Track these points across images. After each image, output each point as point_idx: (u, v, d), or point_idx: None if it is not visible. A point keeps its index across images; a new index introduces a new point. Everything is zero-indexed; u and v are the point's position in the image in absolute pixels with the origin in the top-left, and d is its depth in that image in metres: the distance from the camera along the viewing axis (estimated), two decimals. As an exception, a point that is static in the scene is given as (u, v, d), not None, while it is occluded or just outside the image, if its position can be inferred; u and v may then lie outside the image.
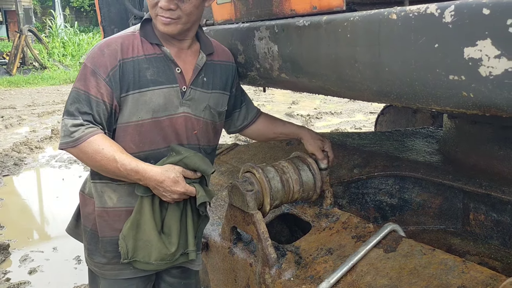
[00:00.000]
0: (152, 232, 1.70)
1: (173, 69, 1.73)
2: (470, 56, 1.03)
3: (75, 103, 1.63)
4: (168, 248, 1.72)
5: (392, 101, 1.33)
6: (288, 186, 1.86)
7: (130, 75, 1.67)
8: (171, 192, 1.67)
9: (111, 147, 1.62)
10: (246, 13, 1.91)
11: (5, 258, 3.89)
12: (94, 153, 1.60)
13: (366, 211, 2.27)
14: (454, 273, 1.46)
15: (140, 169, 1.63)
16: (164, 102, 1.71)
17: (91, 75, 1.63)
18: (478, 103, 1.08)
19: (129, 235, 1.70)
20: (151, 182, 1.65)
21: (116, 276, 1.80)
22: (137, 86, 1.67)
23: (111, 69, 1.64)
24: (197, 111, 1.80)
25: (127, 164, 1.62)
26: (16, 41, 16.54)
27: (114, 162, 1.61)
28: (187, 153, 1.71)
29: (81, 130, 1.60)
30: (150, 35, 1.72)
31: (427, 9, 1.10)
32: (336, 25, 1.38)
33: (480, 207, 2.00)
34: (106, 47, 1.66)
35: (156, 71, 1.70)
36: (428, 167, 2.18)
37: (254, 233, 1.78)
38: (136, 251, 1.71)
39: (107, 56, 1.65)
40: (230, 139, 7.26)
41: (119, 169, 1.62)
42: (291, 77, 1.71)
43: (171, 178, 1.65)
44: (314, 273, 1.67)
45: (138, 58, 1.68)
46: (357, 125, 8.19)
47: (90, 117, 1.63)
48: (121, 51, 1.66)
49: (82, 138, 1.60)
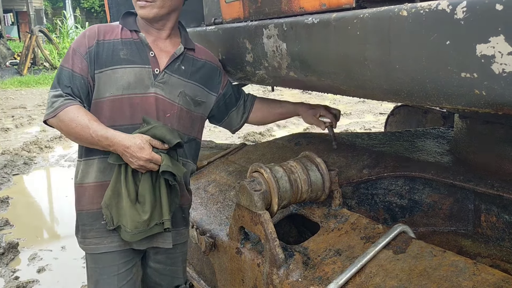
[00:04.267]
0: (126, 200, 1.78)
1: (147, 52, 1.91)
2: (483, 53, 1.01)
3: (58, 77, 1.82)
4: (141, 216, 1.78)
5: (402, 99, 1.31)
6: (296, 186, 1.84)
7: (105, 54, 1.85)
8: (137, 158, 1.74)
9: (85, 115, 1.76)
10: (254, 11, 1.89)
11: (14, 257, 3.91)
12: (70, 121, 1.74)
13: (375, 212, 2.25)
14: (465, 275, 1.43)
15: (110, 135, 1.75)
16: (135, 80, 1.86)
17: (73, 53, 1.84)
18: (490, 101, 1.05)
19: (112, 203, 1.80)
20: (119, 148, 1.75)
21: (95, 250, 1.90)
22: (110, 63, 1.84)
23: (89, 47, 1.84)
24: (172, 96, 1.93)
25: (98, 130, 1.75)
26: (27, 42, 16.70)
27: (87, 128, 1.74)
28: (156, 123, 1.81)
29: (60, 100, 1.77)
30: (130, 23, 1.93)
31: (439, 6, 1.08)
32: (346, 22, 1.36)
33: (491, 209, 1.96)
34: (88, 31, 1.89)
35: (130, 52, 1.88)
36: (438, 167, 2.16)
37: (262, 233, 1.77)
38: (120, 218, 1.80)
39: (87, 37, 1.86)
40: (238, 139, 7.26)
41: (91, 135, 1.74)
42: (300, 75, 1.70)
43: (137, 144, 1.74)
44: (322, 274, 1.66)
45: (114, 40, 1.88)
46: (367, 126, 8.14)
47: (69, 90, 1.80)
48: (99, 33, 1.87)
49: (61, 107, 1.75)
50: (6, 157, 6.68)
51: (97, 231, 1.88)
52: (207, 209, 2.43)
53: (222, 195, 2.53)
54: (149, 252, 2.02)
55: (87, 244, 1.91)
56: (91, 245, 1.90)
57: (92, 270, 1.94)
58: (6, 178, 5.95)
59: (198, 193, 2.63)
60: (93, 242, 1.89)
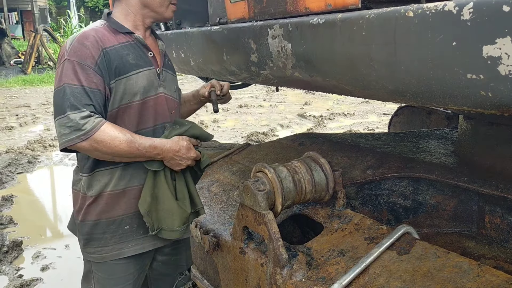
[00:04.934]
0: (172, 201, 1.85)
1: (146, 53, 1.86)
2: (489, 54, 1.01)
3: (73, 97, 1.65)
4: (186, 211, 1.88)
5: (408, 100, 1.31)
6: (300, 186, 1.84)
7: (115, 62, 1.75)
8: (186, 158, 1.85)
9: (122, 130, 1.72)
10: (259, 11, 1.89)
11: (18, 255, 3.92)
12: (112, 139, 1.67)
13: (379, 213, 2.24)
14: (469, 276, 1.43)
15: (158, 144, 1.78)
16: (148, 84, 1.83)
17: (79, 68, 1.68)
18: (497, 103, 1.05)
19: (152, 209, 1.82)
20: (169, 154, 1.80)
21: (117, 256, 1.87)
22: (123, 71, 1.77)
23: (97, 58, 1.71)
24: (171, 92, 1.96)
25: (144, 142, 1.74)
26: (32, 41, 16.75)
27: (132, 143, 1.71)
28: (190, 123, 1.91)
29: (91, 120, 1.65)
30: (119, 25, 1.84)
31: (445, 6, 1.08)
32: (351, 23, 1.36)
33: (496, 210, 1.96)
34: (85, 39, 1.72)
35: (135, 56, 1.82)
36: (443, 168, 2.15)
37: (266, 233, 1.77)
38: (160, 221, 1.84)
39: (90, 47, 1.71)
40: (242, 139, 7.26)
41: (138, 148, 1.73)
42: (305, 76, 1.70)
43: (185, 146, 1.84)
44: (326, 275, 1.66)
45: (116, 46, 1.78)
46: (370, 126, 8.13)
47: (92, 108, 1.68)
48: (101, 40, 1.74)
49: (95, 128, 1.65)
50: (11, 156, 6.71)
51: (120, 236, 1.86)
52: (211, 208, 2.43)
53: (226, 194, 2.53)
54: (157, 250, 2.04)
55: (107, 252, 1.86)
56: (113, 252, 1.86)
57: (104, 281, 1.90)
58: (10, 176, 5.96)
59: (201, 192, 2.63)
60: (116, 248, 1.86)
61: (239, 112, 9.77)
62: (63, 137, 1.65)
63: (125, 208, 1.85)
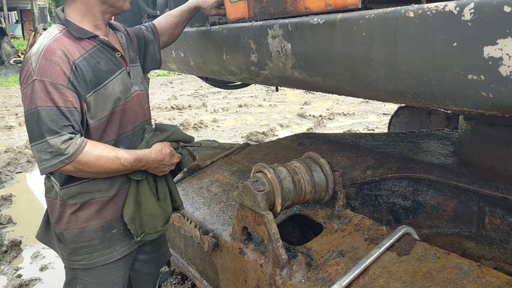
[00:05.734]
0: (155, 205, 1.88)
1: (115, 54, 1.80)
2: (490, 55, 1.00)
3: (51, 121, 1.57)
4: (168, 211, 1.94)
5: (408, 101, 1.30)
6: (300, 186, 1.84)
7: (88, 74, 1.67)
8: (170, 165, 1.89)
9: (106, 148, 1.69)
10: (259, 11, 1.89)
11: (17, 255, 3.91)
12: (97, 159, 1.65)
13: (379, 213, 2.24)
14: (469, 277, 1.42)
15: (142, 157, 1.78)
16: (123, 87, 1.80)
17: (52, 88, 1.58)
18: (497, 104, 1.05)
19: (135, 216, 1.83)
20: (154, 164, 1.82)
21: (107, 261, 1.85)
22: (99, 81, 1.71)
23: (69, 74, 1.61)
24: (139, 86, 1.92)
25: (129, 157, 1.73)
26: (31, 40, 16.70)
27: (117, 160, 1.70)
28: (172, 128, 1.94)
29: (73, 143, 1.59)
30: (82, 31, 1.72)
31: (446, 7, 1.07)
32: (351, 23, 1.35)
33: (496, 211, 1.95)
34: (51, 55, 1.61)
35: (106, 61, 1.75)
36: (443, 169, 2.15)
37: (265, 234, 1.76)
38: (144, 226, 1.86)
39: (59, 63, 1.60)
40: (241, 139, 7.26)
41: (123, 164, 1.72)
42: (305, 76, 1.69)
43: (168, 153, 1.87)
44: (326, 275, 1.65)
45: (84, 56, 1.68)
46: (370, 126, 8.12)
47: (71, 129, 1.61)
48: (68, 53, 1.63)
49: (78, 150, 1.60)
50: (10, 155, 6.69)
51: (108, 241, 1.83)
52: (210, 208, 2.43)
53: (225, 195, 2.53)
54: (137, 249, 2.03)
55: (96, 257, 1.83)
56: (102, 257, 1.83)
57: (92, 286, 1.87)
58: (10, 176, 5.95)
59: (201, 192, 2.63)
60: (105, 253, 1.83)
61: (238, 111, 9.76)
62: (44, 162, 1.59)
63: (112, 212, 1.82)
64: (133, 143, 1.86)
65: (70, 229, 1.79)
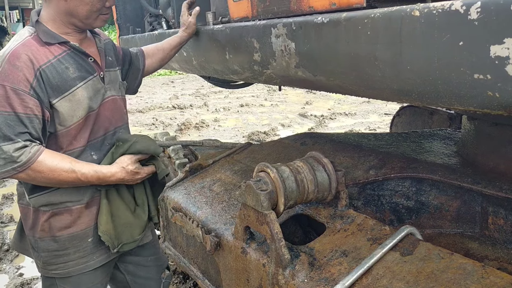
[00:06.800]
0: (128, 214, 1.82)
1: (87, 60, 1.76)
2: (497, 54, 1.00)
3: (7, 126, 1.55)
4: (143, 218, 1.88)
5: (413, 100, 1.30)
6: (302, 186, 1.83)
7: (54, 80, 1.63)
8: (133, 181, 1.82)
9: (63, 159, 1.64)
10: (263, 10, 1.88)
11: (19, 254, 3.91)
12: (50, 170, 1.60)
13: (381, 213, 2.23)
14: (473, 278, 1.42)
15: (101, 175, 1.70)
16: (94, 94, 1.75)
17: (12, 93, 1.55)
18: (504, 103, 1.04)
19: (109, 228, 1.77)
20: (114, 181, 1.75)
21: (83, 270, 1.81)
22: (65, 88, 1.66)
23: (32, 80, 1.58)
24: (117, 91, 1.90)
25: (87, 173, 1.67)
26: (33, 39, 16.73)
27: (73, 173, 1.64)
28: (134, 138, 1.83)
29: (27, 151, 1.56)
30: (53, 35, 1.68)
31: (452, 6, 1.07)
32: (356, 22, 1.35)
33: (499, 211, 1.95)
34: (16, 60, 1.58)
35: (75, 67, 1.70)
36: (446, 169, 2.14)
37: (268, 233, 1.76)
38: (120, 237, 1.80)
39: (23, 68, 1.57)
40: (243, 138, 7.25)
41: (80, 178, 1.66)
42: (308, 75, 1.68)
43: (130, 172, 1.77)
44: (329, 275, 1.65)
45: (53, 61, 1.65)
46: (372, 126, 8.11)
47: (27, 136, 1.58)
48: (35, 58, 1.60)
49: (31, 159, 1.57)
50: (11, 154, 6.70)
51: (84, 250, 1.79)
52: (212, 208, 2.42)
53: (228, 194, 2.52)
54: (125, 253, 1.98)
55: (72, 266, 1.78)
56: (78, 266, 1.79)
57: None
58: (11, 174, 5.96)
59: (203, 192, 2.63)
60: (80, 262, 1.79)
61: (240, 111, 9.76)
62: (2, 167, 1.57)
63: (87, 221, 1.78)
64: (105, 148, 1.82)
65: (43, 237, 1.76)
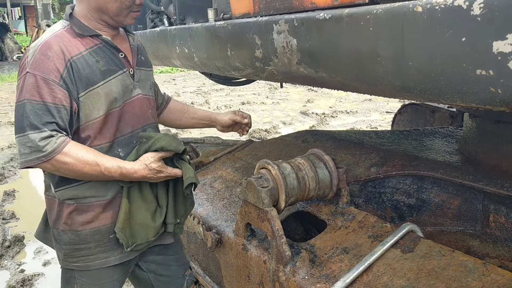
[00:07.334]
0: (146, 215, 1.79)
1: (117, 54, 1.76)
2: (500, 50, 0.99)
3: (34, 115, 1.56)
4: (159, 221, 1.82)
5: (415, 97, 1.29)
6: (304, 183, 1.83)
7: (84, 72, 1.64)
8: (156, 179, 1.77)
9: (88, 152, 1.63)
10: (264, 6, 1.88)
11: (20, 250, 3.92)
12: (75, 162, 1.60)
13: (382, 210, 2.23)
14: (474, 275, 1.42)
15: (124, 171, 1.68)
16: (122, 89, 1.75)
17: (42, 82, 1.56)
18: (506, 100, 1.04)
19: (125, 225, 1.75)
20: (137, 178, 1.73)
21: (103, 265, 1.81)
22: (95, 81, 1.67)
23: (63, 71, 1.59)
24: (146, 90, 1.88)
25: (110, 167, 1.66)
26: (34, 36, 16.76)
27: (97, 166, 1.63)
28: (157, 135, 1.79)
29: (53, 141, 1.56)
30: (85, 28, 1.71)
31: (455, 1, 1.06)
32: (358, 18, 1.34)
33: (500, 209, 1.94)
34: (48, 50, 1.59)
35: (106, 61, 1.71)
36: (447, 167, 2.14)
37: (269, 230, 1.76)
38: (135, 236, 1.78)
39: (54, 58, 1.59)
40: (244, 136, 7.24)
41: (103, 172, 1.65)
42: (310, 72, 1.68)
43: (152, 170, 1.73)
44: (329, 272, 1.65)
45: (84, 54, 1.66)
46: (373, 124, 8.10)
47: (55, 126, 1.58)
48: (66, 49, 1.62)
49: (57, 149, 1.57)
50: (13, 151, 6.71)
51: (105, 245, 1.79)
52: (213, 205, 2.43)
53: (229, 191, 2.52)
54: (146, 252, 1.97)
55: (92, 260, 1.79)
56: (98, 260, 1.79)
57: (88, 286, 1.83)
58: (13, 171, 5.97)
59: (204, 189, 2.63)
60: (100, 257, 1.79)
61: (241, 109, 9.76)
62: (23, 156, 1.59)
63: (110, 217, 1.78)
64: (132, 145, 1.81)
65: (66, 230, 1.77)
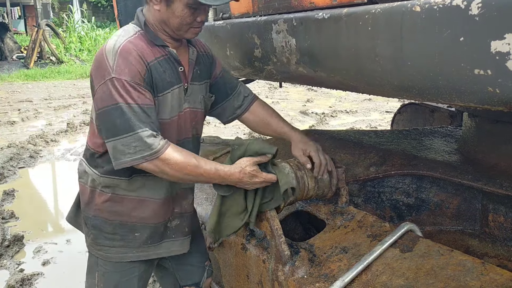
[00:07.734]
0: (237, 220, 1.83)
1: (177, 68, 1.76)
2: (497, 50, 0.99)
3: (134, 115, 1.59)
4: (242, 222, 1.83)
5: (413, 96, 1.29)
6: (303, 183, 1.83)
7: (158, 78, 1.69)
8: (251, 184, 1.73)
9: (188, 154, 1.66)
10: (263, 6, 1.88)
11: (19, 250, 3.92)
12: (177, 163, 1.61)
13: (381, 210, 2.23)
14: (473, 274, 1.42)
15: (222, 173, 1.69)
16: (176, 102, 1.76)
17: (130, 86, 1.60)
18: (504, 99, 1.04)
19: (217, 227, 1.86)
20: (233, 181, 1.72)
21: (121, 259, 1.84)
22: (163, 88, 1.71)
23: (144, 74, 1.64)
24: (195, 104, 1.86)
25: (209, 169, 1.67)
26: (34, 35, 16.74)
27: (197, 168, 1.65)
28: (248, 141, 1.79)
29: (158, 140, 1.59)
30: (155, 37, 1.73)
31: (453, 1, 1.07)
32: (357, 18, 1.34)
33: (499, 208, 1.95)
34: (128, 55, 1.63)
35: (170, 73, 1.73)
36: (446, 166, 2.14)
37: (268, 230, 1.76)
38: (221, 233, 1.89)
39: (135, 63, 1.63)
40: (243, 136, 7.25)
41: (202, 174, 1.67)
42: (309, 71, 1.68)
43: (248, 173, 1.71)
44: (328, 272, 1.65)
45: (155, 62, 1.69)
46: (373, 124, 8.10)
47: (153, 126, 1.62)
48: (142, 55, 1.66)
49: (163, 148, 1.60)
50: (12, 150, 6.70)
51: (129, 241, 1.82)
52: (213, 204, 2.42)
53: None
54: None
55: (113, 252, 1.83)
56: (118, 254, 1.83)
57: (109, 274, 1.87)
58: (12, 171, 5.96)
59: (203, 188, 2.63)
60: (120, 251, 1.83)
61: (241, 108, 9.74)
62: (128, 156, 1.59)
63: (140, 217, 1.81)
64: None
65: (98, 216, 1.81)
